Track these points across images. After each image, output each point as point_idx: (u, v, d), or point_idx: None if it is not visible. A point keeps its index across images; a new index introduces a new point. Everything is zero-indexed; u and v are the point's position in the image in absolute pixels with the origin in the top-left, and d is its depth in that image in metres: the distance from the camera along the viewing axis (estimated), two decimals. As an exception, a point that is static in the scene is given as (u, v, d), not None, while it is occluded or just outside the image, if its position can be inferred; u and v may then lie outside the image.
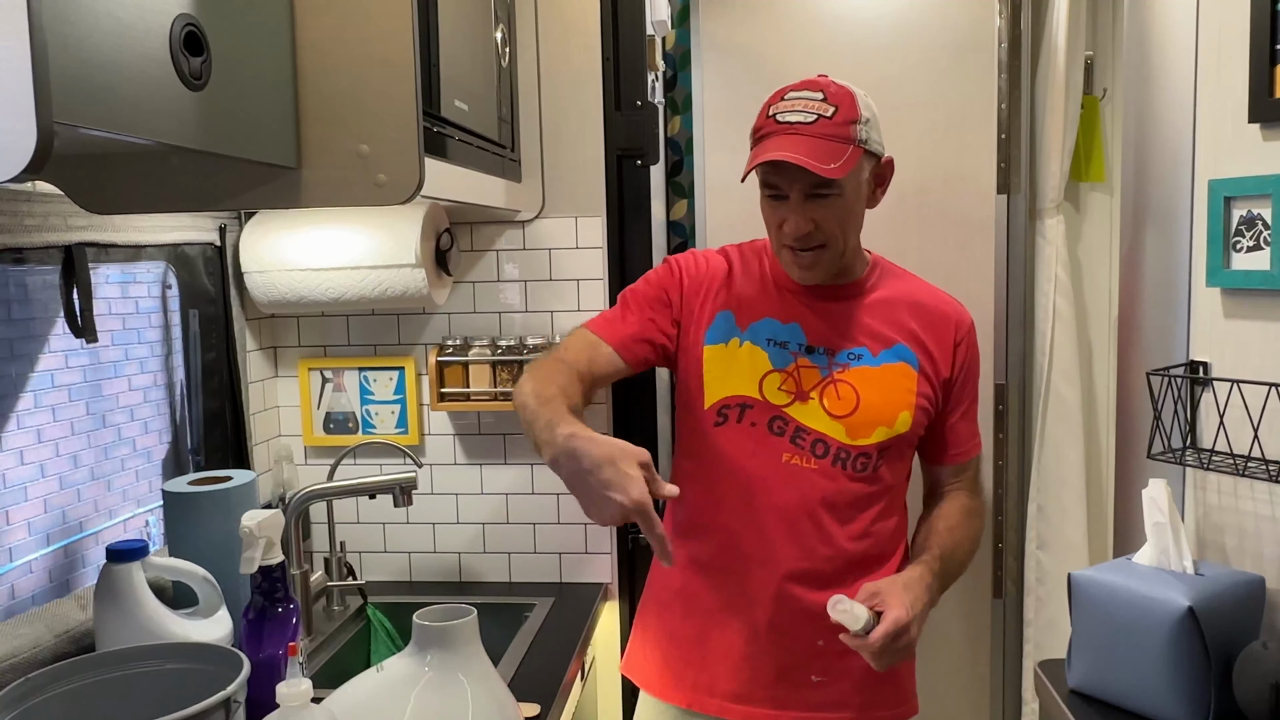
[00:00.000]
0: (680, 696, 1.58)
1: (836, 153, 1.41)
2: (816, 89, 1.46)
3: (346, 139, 1.17)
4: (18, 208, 1.35)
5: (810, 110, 1.43)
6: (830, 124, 1.42)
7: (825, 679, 1.51)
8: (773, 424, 1.51)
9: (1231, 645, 1.31)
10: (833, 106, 1.43)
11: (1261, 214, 1.40)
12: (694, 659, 1.57)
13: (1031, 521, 2.24)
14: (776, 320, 1.55)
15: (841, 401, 1.50)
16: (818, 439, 1.50)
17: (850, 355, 1.53)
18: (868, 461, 1.51)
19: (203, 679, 1.15)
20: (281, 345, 2.10)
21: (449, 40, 1.42)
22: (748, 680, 1.53)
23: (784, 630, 1.51)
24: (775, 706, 1.52)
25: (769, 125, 1.45)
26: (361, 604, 1.97)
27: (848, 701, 1.52)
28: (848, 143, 1.42)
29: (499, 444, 2.08)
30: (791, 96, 1.46)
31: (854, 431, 1.50)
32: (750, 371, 1.52)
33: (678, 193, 2.45)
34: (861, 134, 1.44)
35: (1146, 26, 1.68)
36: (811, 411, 1.51)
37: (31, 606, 1.45)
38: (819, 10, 2.30)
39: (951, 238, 2.26)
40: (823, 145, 1.40)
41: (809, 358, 1.53)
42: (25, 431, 1.50)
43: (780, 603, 1.51)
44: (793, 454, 1.50)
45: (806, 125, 1.41)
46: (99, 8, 0.81)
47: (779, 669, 1.52)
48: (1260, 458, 1.40)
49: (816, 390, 1.51)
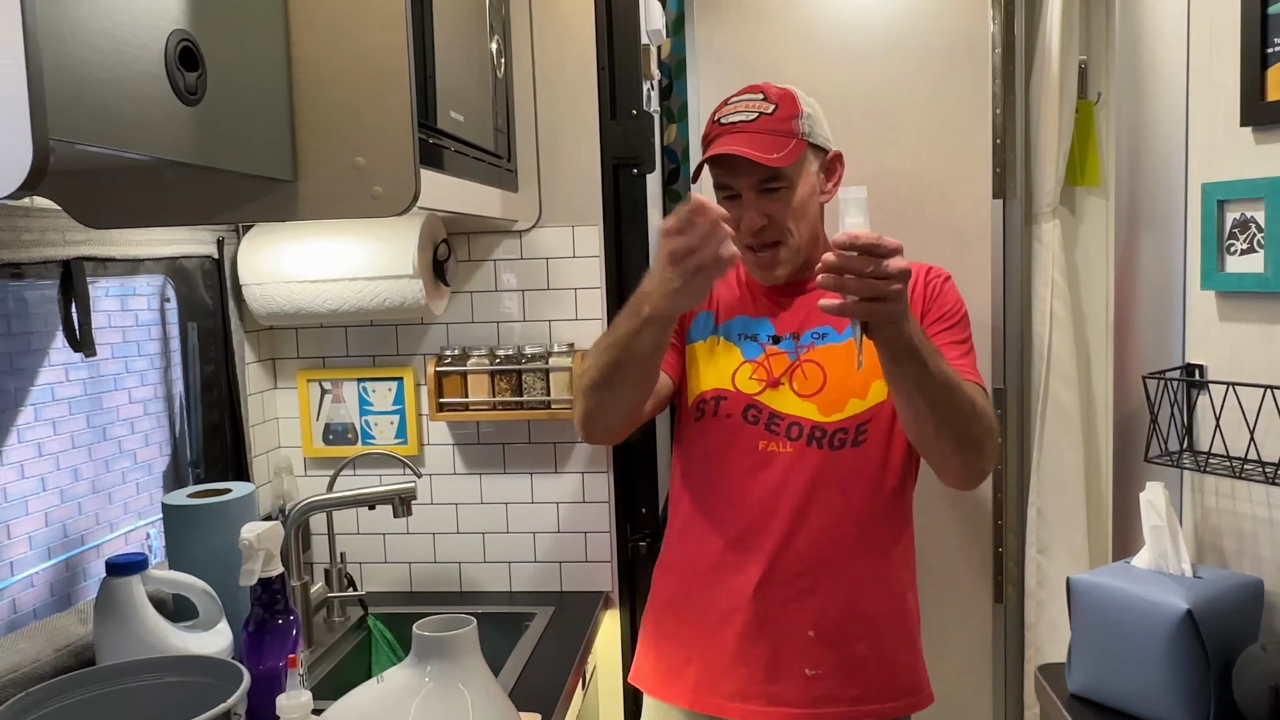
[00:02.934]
0: (682, 697, 1.58)
1: (779, 145, 1.47)
2: (757, 91, 1.54)
3: (342, 151, 1.18)
4: (15, 223, 1.35)
5: (751, 109, 1.50)
6: (771, 119, 1.49)
7: (819, 672, 1.51)
8: (747, 413, 1.54)
9: (1231, 648, 1.31)
10: (773, 104, 1.50)
11: (1255, 217, 1.40)
12: (692, 658, 1.57)
13: (1031, 526, 2.24)
14: (747, 316, 1.61)
15: (809, 381, 1.53)
16: (792, 422, 1.52)
17: (815, 335, 1.56)
18: (846, 437, 1.51)
19: (203, 692, 1.15)
20: (280, 357, 2.11)
21: (444, 52, 1.43)
22: (742, 677, 1.53)
23: (772, 622, 1.51)
24: (769, 703, 1.52)
25: (714, 129, 1.53)
26: (362, 615, 1.97)
27: (841, 695, 1.51)
28: (790, 136, 1.49)
29: (498, 453, 2.08)
30: (734, 101, 1.54)
31: (826, 408, 1.52)
32: (725, 365, 1.58)
33: (674, 201, 2.45)
34: (804, 127, 1.50)
35: (1139, 31, 1.69)
36: (782, 396, 1.53)
37: (32, 621, 1.45)
38: (813, 18, 2.31)
39: (947, 243, 2.27)
40: (765, 139, 1.47)
41: (777, 346, 1.57)
42: (25, 445, 1.51)
43: (766, 593, 1.51)
44: (769, 440, 1.53)
45: (749, 123, 1.49)
46: (94, 25, 0.81)
47: (771, 663, 1.52)
48: (1257, 460, 1.40)
49: (786, 374, 1.55)
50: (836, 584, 1.51)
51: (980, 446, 1.39)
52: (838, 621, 1.51)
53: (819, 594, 1.50)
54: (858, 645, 1.51)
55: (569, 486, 2.06)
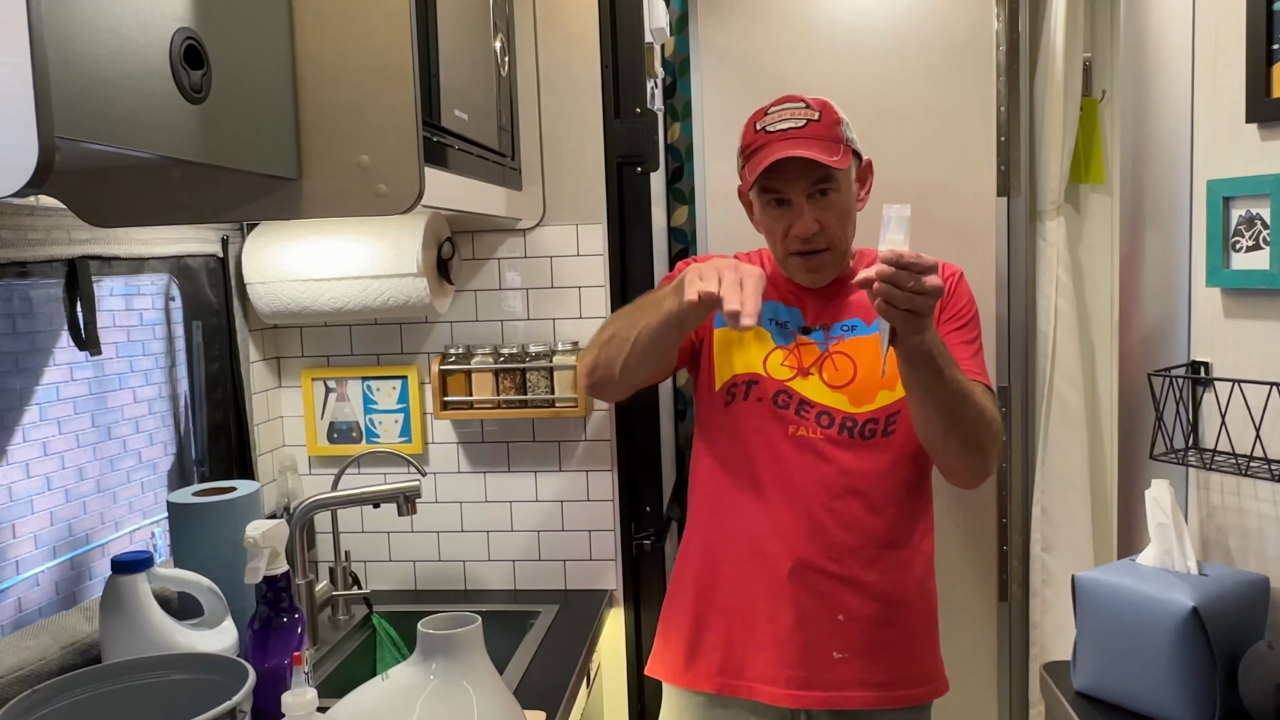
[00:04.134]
0: (708, 683, 1.59)
1: (834, 149, 1.49)
2: (797, 100, 1.55)
3: (347, 150, 1.18)
4: (21, 221, 1.36)
5: (799, 116, 1.51)
6: (820, 126, 1.51)
7: (847, 654, 1.53)
8: (777, 398, 1.56)
9: (1236, 645, 1.31)
10: (817, 111, 1.52)
11: (1260, 213, 1.40)
12: (719, 643, 1.59)
13: (1036, 524, 2.23)
14: (780, 303, 1.62)
15: (839, 372, 1.55)
16: (822, 411, 1.54)
17: (844, 327, 1.58)
18: (876, 428, 1.54)
19: (208, 689, 1.16)
20: (285, 355, 2.11)
21: (448, 50, 1.43)
22: (772, 660, 1.54)
23: (802, 605, 1.53)
24: (799, 686, 1.54)
25: (761, 137, 1.52)
26: (367, 613, 1.97)
27: (869, 679, 1.53)
28: (839, 141, 1.51)
29: (502, 452, 2.08)
30: (775, 110, 1.54)
31: (857, 399, 1.54)
32: (756, 350, 1.59)
33: (678, 199, 2.45)
34: (847, 134, 1.54)
35: (1143, 28, 1.69)
36: (812, 386, 1.55)
37: (38, 619, 1.45)
38: (818, 16, 2.30)
39: (952, 241, 2.27)
40: (819, 143, 1.48)
41: (807, 336, 1.59)
42: (31, 444, 1.51)
43: (797, 577, 1.53)
44: (799, 425, 1.55)
45: (800, 129, 1.50)
46: (99, 23, 0.81)
47: (802, 646, 1.53)
48: (1263, 457, 1.40)
49: (815, 365, 1.56)
50: (866, 570, 1.53)
51: (985, 451, 1.46)
52: (867, 606, 1.53)
53: (849, 579, 1.53)
54: (885, 630, 1.54)
55: (573, 485, 2.06)
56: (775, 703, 1.55)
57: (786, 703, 1.54)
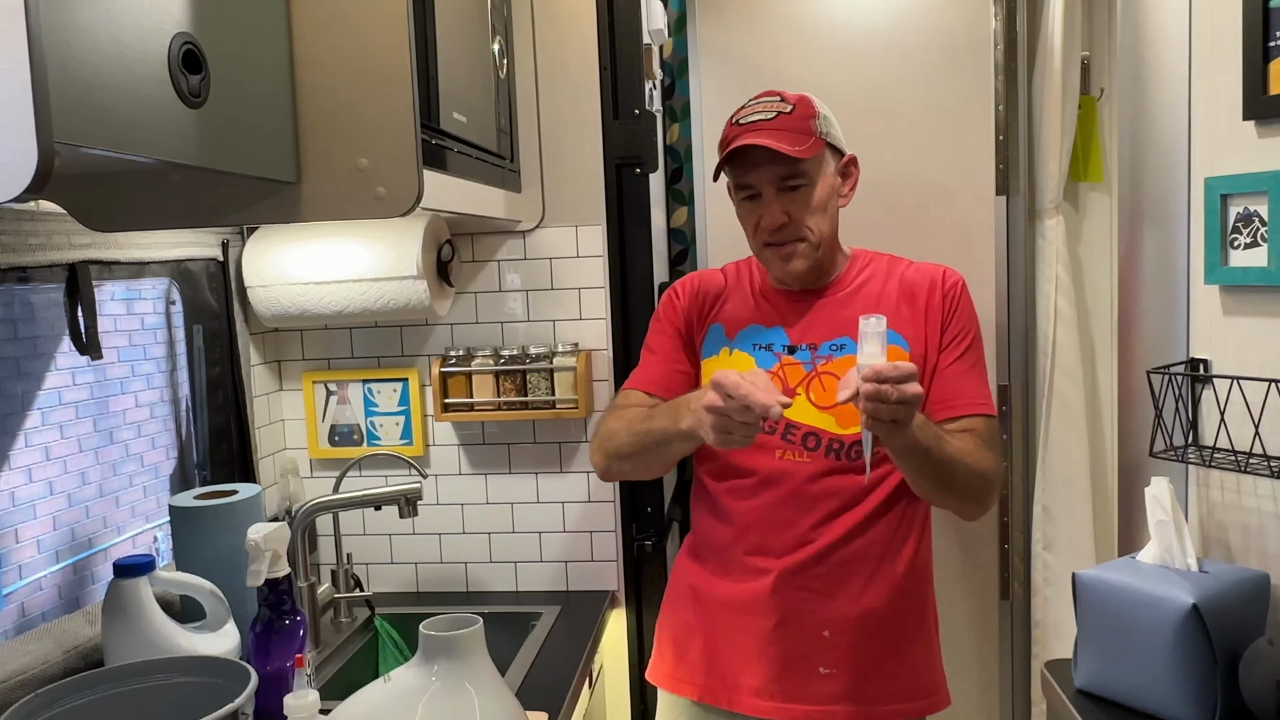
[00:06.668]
0: (695, 691, 1.59)
1: (800, 140, 1.49)
2: (774, 95, 1.56)
3: (345, 153, 1.18)
4: (21, 227, 1.36)
5: (770, 109, 1.52)
6: (790, 118, 1.51)
7: (834, 670, 1.52)
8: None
9: (1237, 642, 1.31)
10: (790, 105, 1.53)
11: (1258, 211, 1.40)
12: (707, 653, 1.59)
13: (1037, 522, 2.23)
14: (760, 325, 1.61)
15: (827, 393, 1.53)
16: (808, 433, 1.53)
17: (833, 346, 1.56)
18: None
19: (211, 692, 1.16)
20: (285, 359, 2.11)
21: (446, 53, 1.43)
22: (758, 673, 1.54)
23: (790, 622, 1.52)
24: (785, 699, 1.53)
25: (732, 130, 1.54)
26: (369, 615, 1.97)
27: (859, 695, 1.52)
28: (809, 134, 1.51)
29: (503, 453, 2.08)
30: (750, 104, 1.56)
31: (844, 420, 1.52)
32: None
33: (678, 200, 2.45)
34: (821, 127, 1.53)
35: (1141, 26, 1.69)
36: (799, 407, 1.54)
37: (41, 624, 1.46)
38: (815, 16, 2.31)
39: (951, 240, 2.27)
40: (786, 134, 1.49)
41: (793, 356, 1.57)
42: (33, 449, 1.51)
43: (784, 595, 1.52)
44: (785, 450, 1.54)
45: (768, 120, 1.51)
46: (98, 29, 0.82)
47: (786, 661, 1.53)
48: (1262, 454, 1.40)
49: (802, 385, 1.55)
50: (852, 588, 1.52)
51: (980, 499, 1.50)
52: (853, 623, 1.51)
53: (835, 596, 1.52)
54: (873, 646, 1.52)
55: (574, 486, 2.07)
56: (758, 714, 1.54)
57: (770, 714, 1.53)
